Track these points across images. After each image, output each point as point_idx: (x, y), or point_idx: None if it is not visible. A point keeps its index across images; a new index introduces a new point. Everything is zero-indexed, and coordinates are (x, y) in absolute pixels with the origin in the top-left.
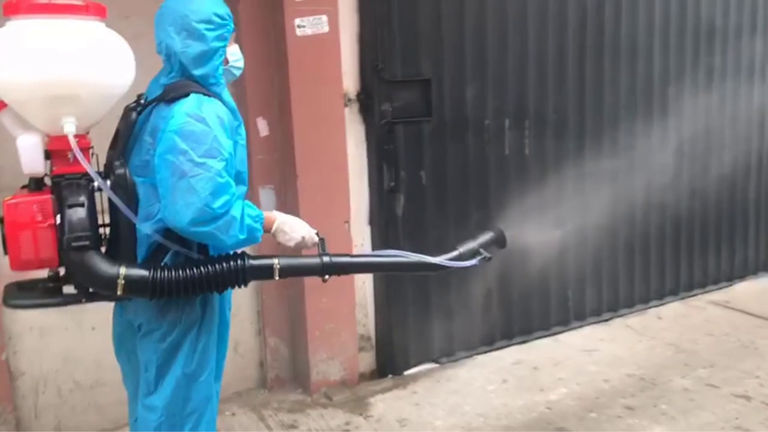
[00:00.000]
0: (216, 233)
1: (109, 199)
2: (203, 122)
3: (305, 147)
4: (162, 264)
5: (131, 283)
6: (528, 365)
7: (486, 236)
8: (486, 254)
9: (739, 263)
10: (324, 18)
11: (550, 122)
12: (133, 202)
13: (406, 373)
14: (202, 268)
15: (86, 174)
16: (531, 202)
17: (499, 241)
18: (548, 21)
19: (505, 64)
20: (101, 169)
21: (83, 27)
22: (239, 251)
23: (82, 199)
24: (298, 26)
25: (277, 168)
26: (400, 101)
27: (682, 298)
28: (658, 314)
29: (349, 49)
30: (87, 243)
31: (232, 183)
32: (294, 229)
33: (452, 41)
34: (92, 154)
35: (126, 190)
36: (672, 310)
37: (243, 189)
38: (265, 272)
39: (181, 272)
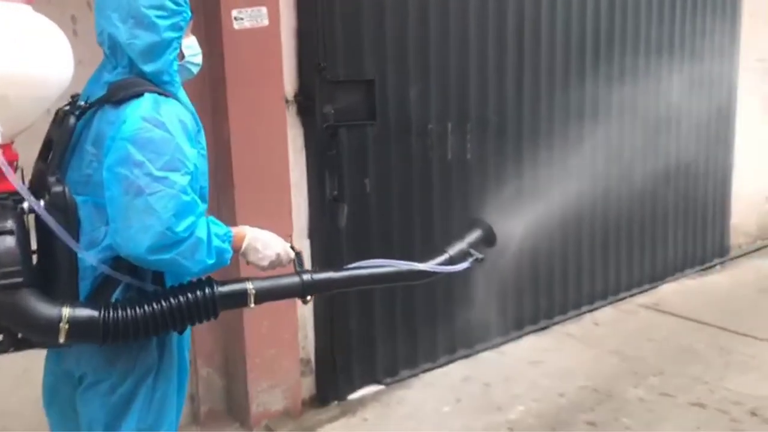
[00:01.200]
0: (179, 260)
1: (38, 223)
2: (163, 128)
3: (244, 154)
4: (113, 301)
5: (78, 326)
6: (478, 382)
7: (474, 234)
8: (477, 255)
9: (661, 265)
10: (264, 10)
11: (491, 126)
12: (73, 226)
13: (350, 397)
14: (163, 303)
15: (14, 193)
16: (473, 210)
17: (488, 239)
18: (488, 23)
19: (448, 66)
20: (28, 185)
21: (3, 12)
22: (203, 277)
23: (10, 224)
24: (236, 18)
25: (210, 178)
26: (343, 103)
27: (612, 302)
28: (594, 320)
29: (286, 45)
30: (19, 280)
31: (198, 201)
32: (267, 245)
33: (395, 41)
34: (17, 168)
35: (65, 212)
36: (606, 315)
37: (204, 207)
38: (238, 299)
39: (138, 310)
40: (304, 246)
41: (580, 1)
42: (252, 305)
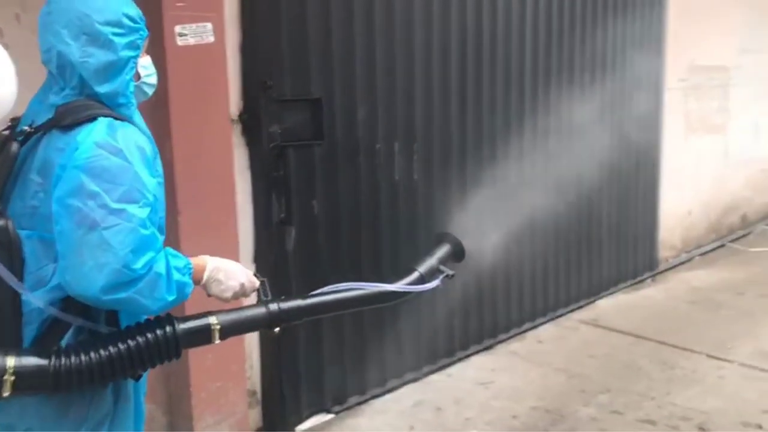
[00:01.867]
0: (137, 298)
1: None
2: (119, 155)
3: (188, 176)
4: (63, 346)
5: (24, 377)
6: (430, 406)
7: (443, 249)
8: (448, 271)
9: (596, 280)
10: (209, 26)
11: (437, 146)
12: (17, 264)
13: (299, 428)
14: (120, 346)
15: None
16: (419, 231)
17: (458, 254)
18: (432, 44)
19: (394, 86)
20: None
21: None
22: (162, 314)
23: None
24: (180, 34)
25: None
26: (289, 122)
27: (553, 319)
28: (537, 337)
29: (230, 63)
30: None
31: (158, 235)
32: (230, 275)
33: (343, 59)
34: None
35: (7, 249)
36: (548, 332)
37: (161, 239)
38: (202, 336)
39: (92, 354)
40: (250, 270)
41: (519, 28)
42: (217, 341)
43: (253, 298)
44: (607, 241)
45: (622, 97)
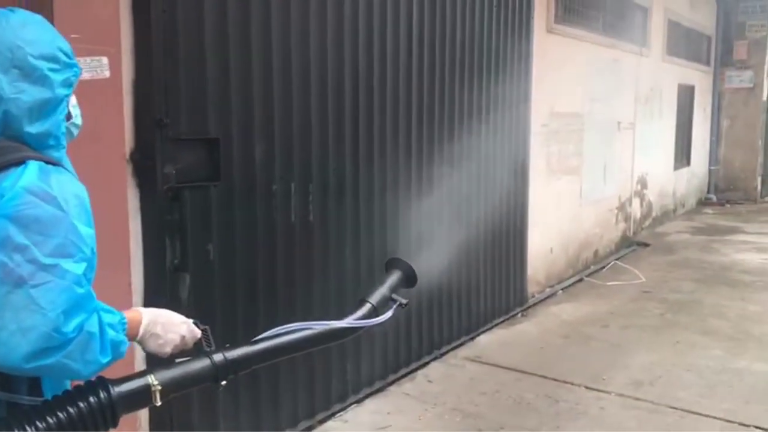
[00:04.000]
0: (66, 363)
1: None
2: (53, 203)
3: None
4: None
5: None
6: None
7: (394, 277)
8: (401, 300)
9: (475, 317)
10: (104, 60)
11: (331, 186)
12: None
13: None
14: (49, 420)
15: None
16: (315, 274)
17: (409, 280)
18: (327, 85)
19: (290, 126)
20: None
21: None
22: (94, 377)
23: None
24: None
25: None
26: (184, 163)
27: (438, 357)
28: (427, 377)
29: (124, 99)
30: None
31: (93, 294)
32: (168, 327)
33: (240, 98)
34: None
35: None
36: (436, 371)
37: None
38: (141, 398)
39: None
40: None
41: (406, 72)
42: (158, 403)
43: None
44: (483, 278)
45: (494, 142)
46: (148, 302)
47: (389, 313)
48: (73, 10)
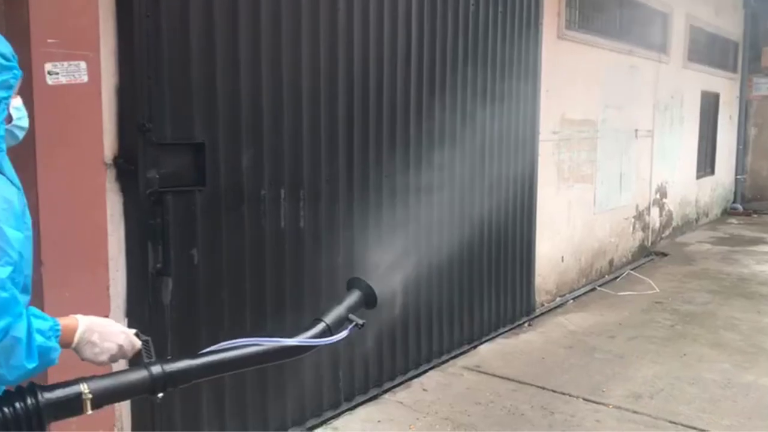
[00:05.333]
0: None
1: None
2: None
3: (53, 225)
4: None
5: None
6: None
7: (353, 297)
8: (357, 321)
9: (477, 326)
10: (82, 65)
11: (324, 193)
12: None
13: None
14: None
15: None
16: (305, 280)
17: (369, 301)
18: (320, 89)
19: (281, 132)
20: None
21: None
22: (24, 383)
23: None
24: (50, 73)
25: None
26: (169, 167)
27: (436, 366)
28: (422, 385)
29: (105, 104)
30: None
31: (19, 298)
32: (106, 336)
33: (227, 103)
34: None
35: None
36: (433, 379)
37: (26, 299)
38: (71, 407)
39: None
40: (122, 325)
41: (404, 77)
42: (89, 411)
43: None
44: (486, 287)
45: (500, 148)
46: (130, 306)
47: (344, 334)
48: (50, 16)
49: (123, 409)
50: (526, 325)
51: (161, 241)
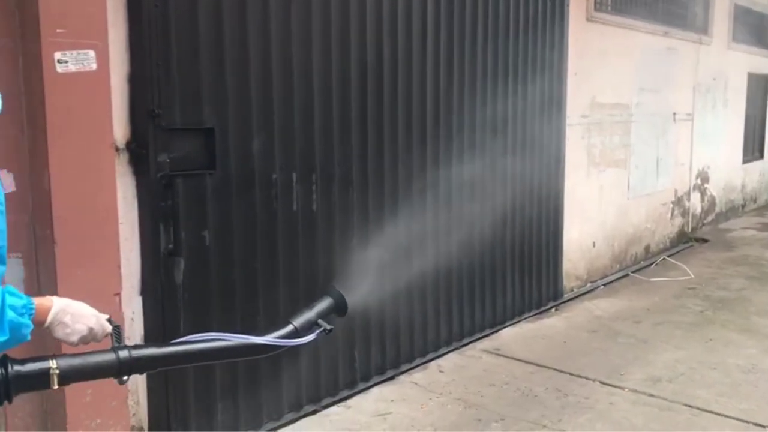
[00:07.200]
0: None
1: None
2: None
3: (65, 206)
4: None
5: None
6: None
7: (324, 303)
8: (325, 326)
9: (501, 310)
10: (91, 53)
11: (337, 177)
12: None
13: None
14: None
15: None
16: (319, 262)
17: (340, 308)
18: (332, 73)
19: (291, 116)
20: None
21: None
22: None
23: None
24: (59, 61)
25: (25, 232)
26: (180, 152)
27: (456, 348)
28: (440, 367)
29: (117, 91)
30: None
31: None
32: (77, 318)
33: (237, 89)
34: None
35: None
36: (451, 361)
37: (2, 269)
38: (39, 380)
39: None
40: (136, 303)
41: (420, 61)
42: (55, 386)
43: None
44: (510, 272)
45: (524, 131)
46: (144, 284)
47: (310, 337)
48: (59, 7)
49: (139, 383)
50: (552, 310)
51: (172, 222)
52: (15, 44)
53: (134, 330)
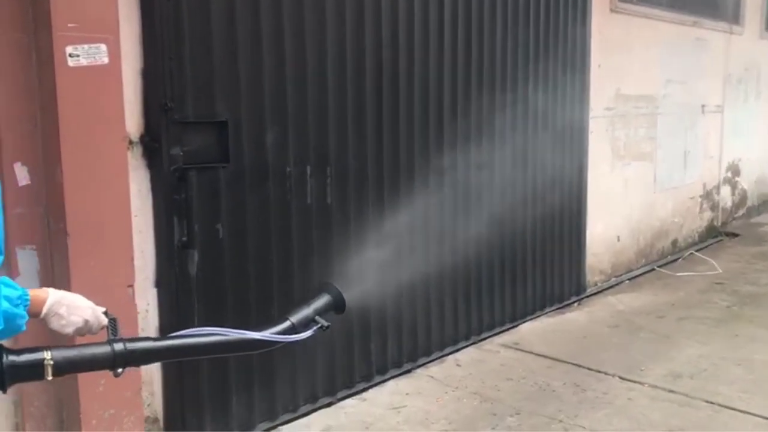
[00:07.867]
0: None
1: None
2: None
3: (78, 199)
4: None
5: None
6: None
7: (322, 300)
8: (323, 323)
9: (521, 304)
10: (103, 47)
11: (351, 170)
12: None
13: None
14: None
15: None
16: (334, 254)
17: (338, 305)
18: (347, 66)
19: (305, 109)
20: None
21: None
22: None
23: None
24: (71, 55)
25: (40, 224)
26: (193, 145)
27: (474, 343)
28: (457, 361)
29: (131, 85)
30: None
31: None
32: (73, 310)
33: (250, 82)
34: None
35: None
36: (468, 355)
37: None
38: (33, 371)
39: None
40: (151, 295)
41: (437, 49)
42: (49, 377)
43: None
44: (531, 266)
45: (545, 124)
46: (160, 275)
47: (307, 333)
48: (70, 2)
49: (154, 374)
50: (575, 304)
51: (185, 215)
52: (29, 39)
53: (149, 321)
